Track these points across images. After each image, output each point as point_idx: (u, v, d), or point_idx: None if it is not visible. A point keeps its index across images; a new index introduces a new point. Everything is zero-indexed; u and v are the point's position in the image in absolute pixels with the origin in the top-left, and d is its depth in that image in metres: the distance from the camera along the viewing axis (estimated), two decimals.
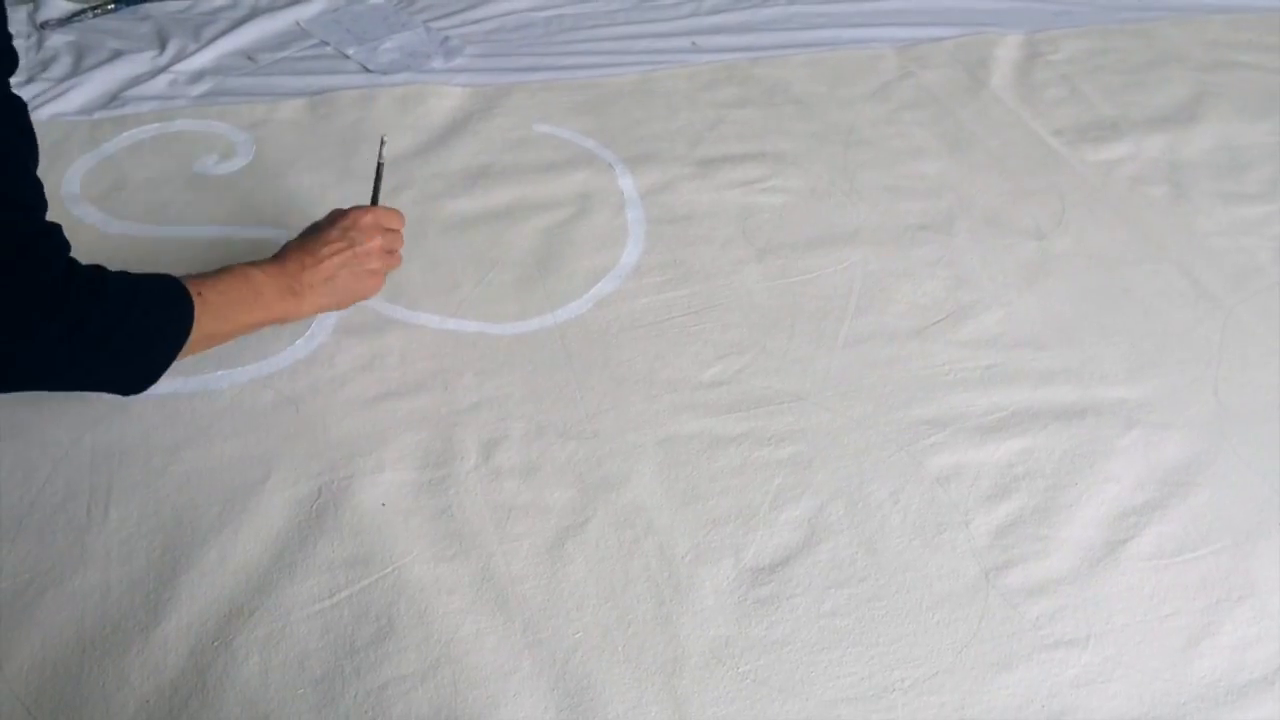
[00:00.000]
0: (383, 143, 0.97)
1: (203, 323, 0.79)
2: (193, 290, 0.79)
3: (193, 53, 1.27)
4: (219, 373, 0.89)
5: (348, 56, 1.31)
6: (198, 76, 1.24)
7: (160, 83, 1.21)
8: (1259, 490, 0.86)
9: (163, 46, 1.28)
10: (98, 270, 0.75)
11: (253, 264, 0.85)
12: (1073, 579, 0.79)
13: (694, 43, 1.39)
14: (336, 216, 0.90)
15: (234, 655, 0.70)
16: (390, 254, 0.92)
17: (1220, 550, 0.82)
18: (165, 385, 0.86)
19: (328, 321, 0.94)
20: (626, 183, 1.14)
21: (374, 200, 0.96)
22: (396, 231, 0.93)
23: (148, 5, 1.36)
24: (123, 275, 0.77)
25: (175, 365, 0.88)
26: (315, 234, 0.89)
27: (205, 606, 0.73)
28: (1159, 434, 0.90)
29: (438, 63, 1.31)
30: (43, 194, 0.73)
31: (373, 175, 0.97)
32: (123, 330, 0.75)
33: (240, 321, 0.84)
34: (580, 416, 0.88)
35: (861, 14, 1.47)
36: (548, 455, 0.85)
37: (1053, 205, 1.15)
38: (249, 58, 1.29)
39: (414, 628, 0.73)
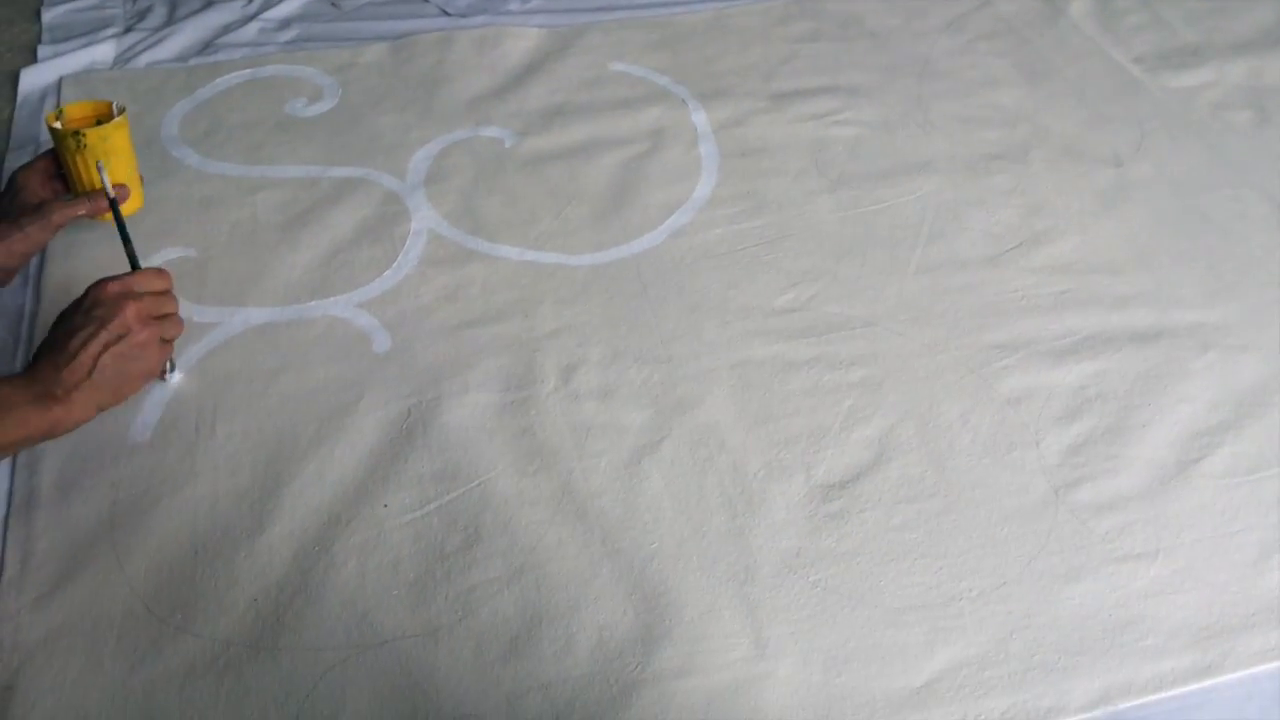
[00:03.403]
0: (101, 169, 0.85)
1: None
2: None
3: (279, 0, 1.31)
4: (312, 302, 0.93)
5: (427, 0, 1.34)
6: (285, 24, 1.28)
7: (250, 30, 1.26)
8: None
9: None
10: None
11: (1, 378, 0.74)
12: (1143, 496, 0.80)
13: None
14: (81, 298, 0.78)
15: (333, 560, 0.75)
16: (159, 320, 0.79)
17: None
18: (263, 315, 0.92)
19: (413, 254, 0.98)
20: (700, 118, 1.15)
21: (131, 260, 0.84)
22: (160, 294, 0.80)
23: None
24: None
25: (271, 295, 0.93)
26: (61, 326, 0.76)
27: (306, 515, 0.77)
28: (1235, 356, 0.90)
29: (514, 4, 1.33)
30: None
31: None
32: None
33: None
34: (655, 342, 0.91)
35: None
36: (624, 379, 0.88)
37: (1131, 133, 1.14)
38: (333, 4, 1.32)
39: (499, 536, 0.77)
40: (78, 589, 0.72)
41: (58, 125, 0.89)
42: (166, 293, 0.80)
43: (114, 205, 0.86)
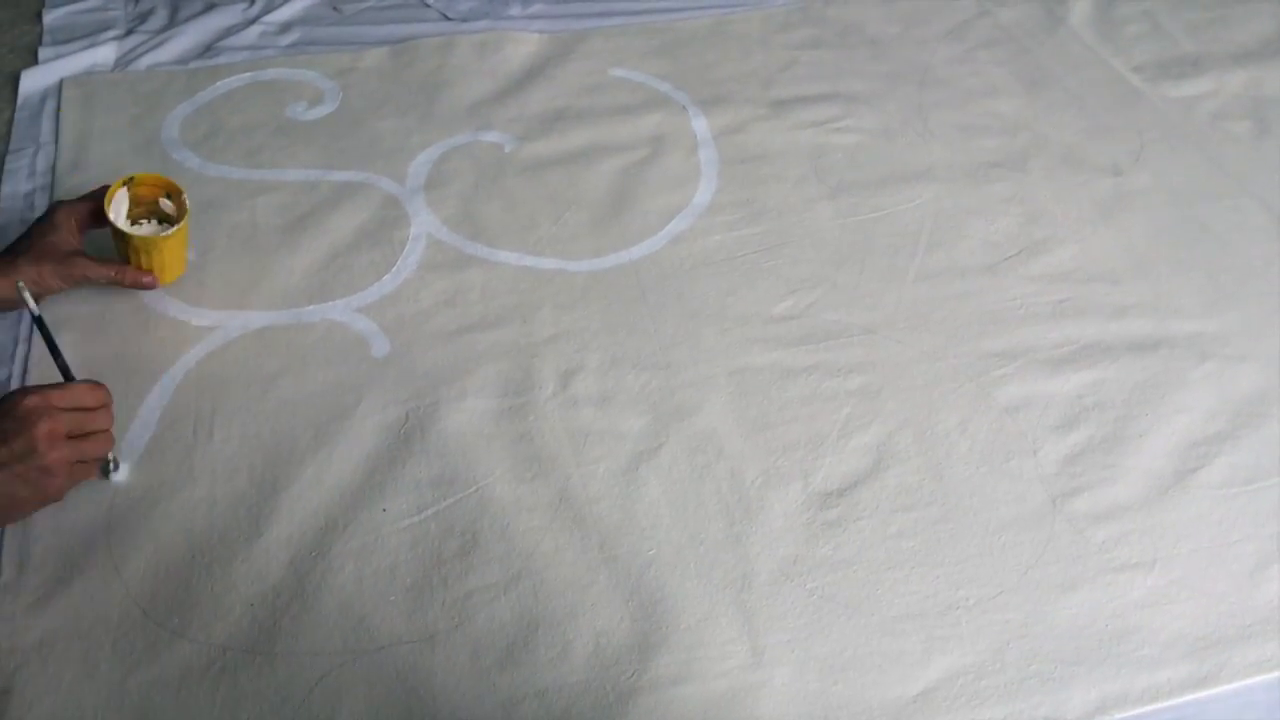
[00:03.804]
0: (21, 290, 0.80)
1: None
2: None
3: (281, 4, 1.31)
4: (311, 306, 0.93)
5: (428, 5, 1.34)
6: (286, 27, 1.28)
7: (251, 34, 1.26)
8: None
9: None
10: None
11: None
12: (1141, 505, 0.80)
13: None
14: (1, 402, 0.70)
15: (330, 564, 0.75)
16: (75, 440, 0.71)
17: None
18: (262, 318, 0.92)
19: (412, 258, 0.98)
20: (700, 124, 1.15)
21: (61, 370, 0.78)
22: (88, 410, 0.73)
23: None
24: None
25: (270, 299, 0.93)
26: None
27: (303, 520, 0.77)
28: (1233, 366, 0.90)
29: (515, 9, 1.33)
30: None
31: None
32: None
33: None
34: (654, 348, 0.91)
35: None
36: (622, 385, 0.88)
37: (1131, 142, 1.14)
38: (334, 8, 1.32)
39: (496, 542, 0.77)
40: (74, 593, 0.72)
41: (112, 217, 0.87)
42: (99, 409, 0.74)
43: (39, 322, 0.80)
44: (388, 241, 1.00)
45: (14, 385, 0.86)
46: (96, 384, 0.75)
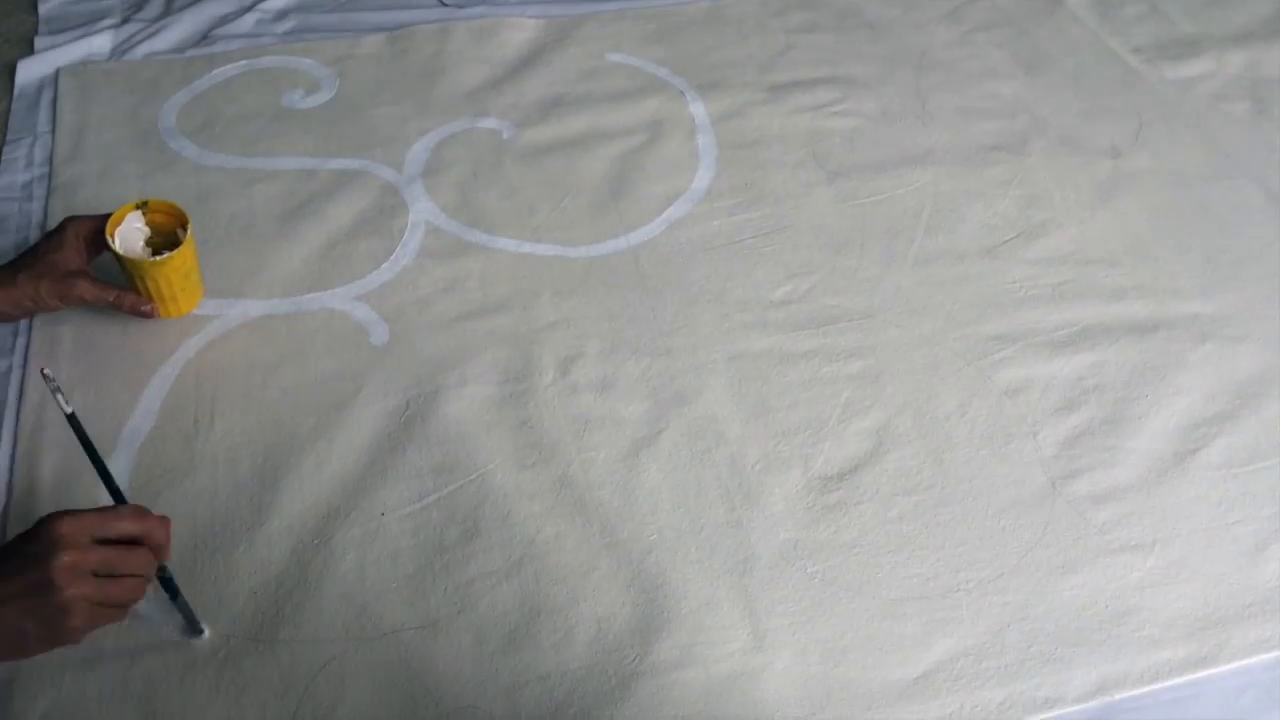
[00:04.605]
0: (47, 378, 0.66)
1: None
2: None
3: None
4: (310, 295, 0.93)
5: None
6: (282, 14, 1.28)
7: (247, 21, 1.25)
8: None
9: None
10: None
11: None
12: (1140, 487, 0.81)
13: None
14: (37, 525, 0.62)
15: (332, 552, 0.75)
16: (102, 580, 0.61)
17: None
18: (261, 307, 0.92)
19: (411, 246, 0.98)
20: (698, 109, 1.15)
21: (110, 489, 0.67)
22: (127, 544, 0.63)
23: None
24: None
25: (269, 288, 0.93)
26: None
27: (305, 508, 0.77)
28: (1232, 347, 0.91)
29: None
30: None
31: None
32: None
33: None
34: (653, 334, 0.91)
35: None
36: (622, 371, 0.88)
37: (1130, 123, 1.14)
38: None
39: (498, 529, 0.77)
40: None
41: (116, 239, 0.84)
42: (137, 543, 0.63)
43: (76, 427, 0.67)
44: (386, 229, 1.00)
45: (14, 377, 0.86)
46: (142, 512, 0.64)
